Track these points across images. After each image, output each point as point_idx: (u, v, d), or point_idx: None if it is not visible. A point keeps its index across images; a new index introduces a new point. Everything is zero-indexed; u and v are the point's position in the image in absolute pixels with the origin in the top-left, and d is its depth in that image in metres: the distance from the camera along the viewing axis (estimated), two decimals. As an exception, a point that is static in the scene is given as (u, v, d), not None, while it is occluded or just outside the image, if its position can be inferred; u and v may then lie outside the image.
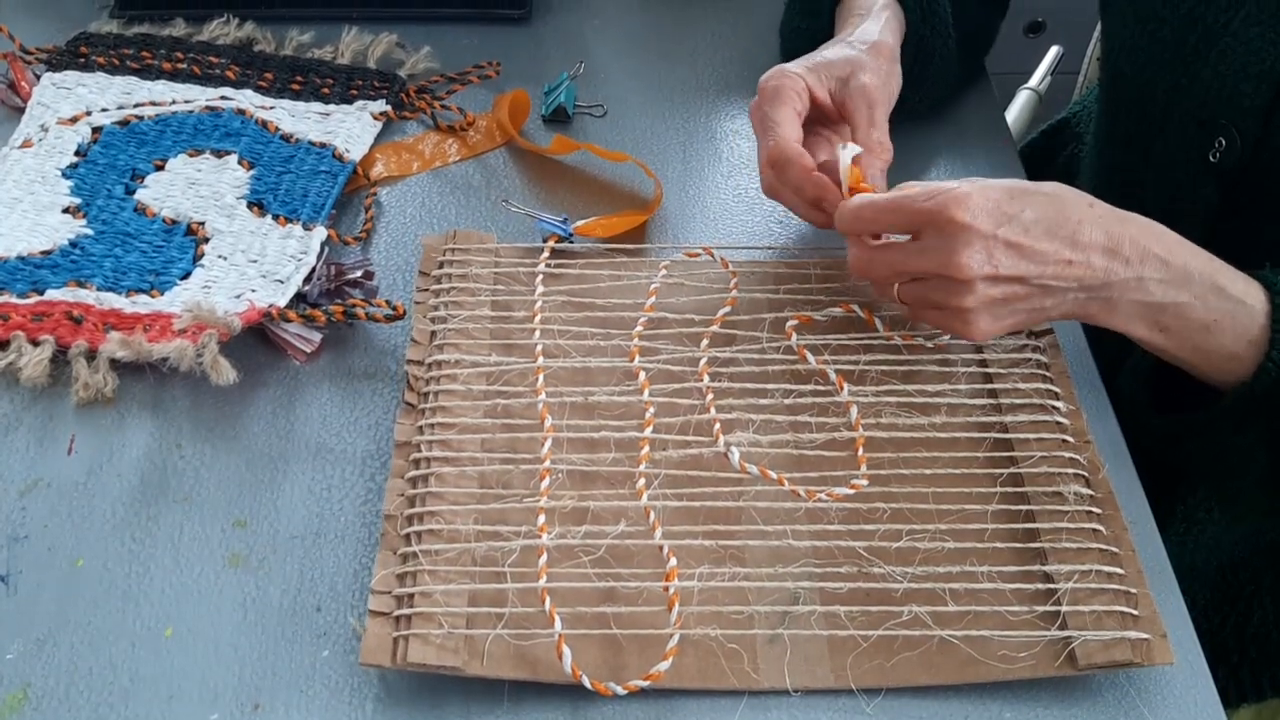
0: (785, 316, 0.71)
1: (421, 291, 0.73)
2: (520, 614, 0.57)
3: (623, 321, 0.71)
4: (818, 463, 0.64)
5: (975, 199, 0.60)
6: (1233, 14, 0.71)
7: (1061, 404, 0.66)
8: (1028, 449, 0.64)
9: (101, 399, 0.68)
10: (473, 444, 0.64)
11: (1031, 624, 0.57)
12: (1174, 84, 0.74)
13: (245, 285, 0.73)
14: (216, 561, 0.61)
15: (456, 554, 0.59)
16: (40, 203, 0.78)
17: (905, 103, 0.77)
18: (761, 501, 0.62)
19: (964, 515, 0.62)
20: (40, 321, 0.70)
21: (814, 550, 0.60)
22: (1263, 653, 0.75)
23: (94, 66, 0.89)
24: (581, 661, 0.55)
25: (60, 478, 0.64)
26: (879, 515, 0.62)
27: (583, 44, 0.97)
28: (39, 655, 0.57)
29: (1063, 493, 0.62)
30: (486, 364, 0.68)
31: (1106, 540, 0.60)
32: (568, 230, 0.76)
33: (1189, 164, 0.74)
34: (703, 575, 0.59)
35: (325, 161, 0.82)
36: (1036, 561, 0.60)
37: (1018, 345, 0.69)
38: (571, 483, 0.63)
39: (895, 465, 0.64)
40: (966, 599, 0.58)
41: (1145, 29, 0.76)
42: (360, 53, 0.93)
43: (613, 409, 0.67)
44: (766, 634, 0.57)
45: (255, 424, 0.67)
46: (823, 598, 0.58)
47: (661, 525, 0.60)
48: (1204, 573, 0.77)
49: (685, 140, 0.88)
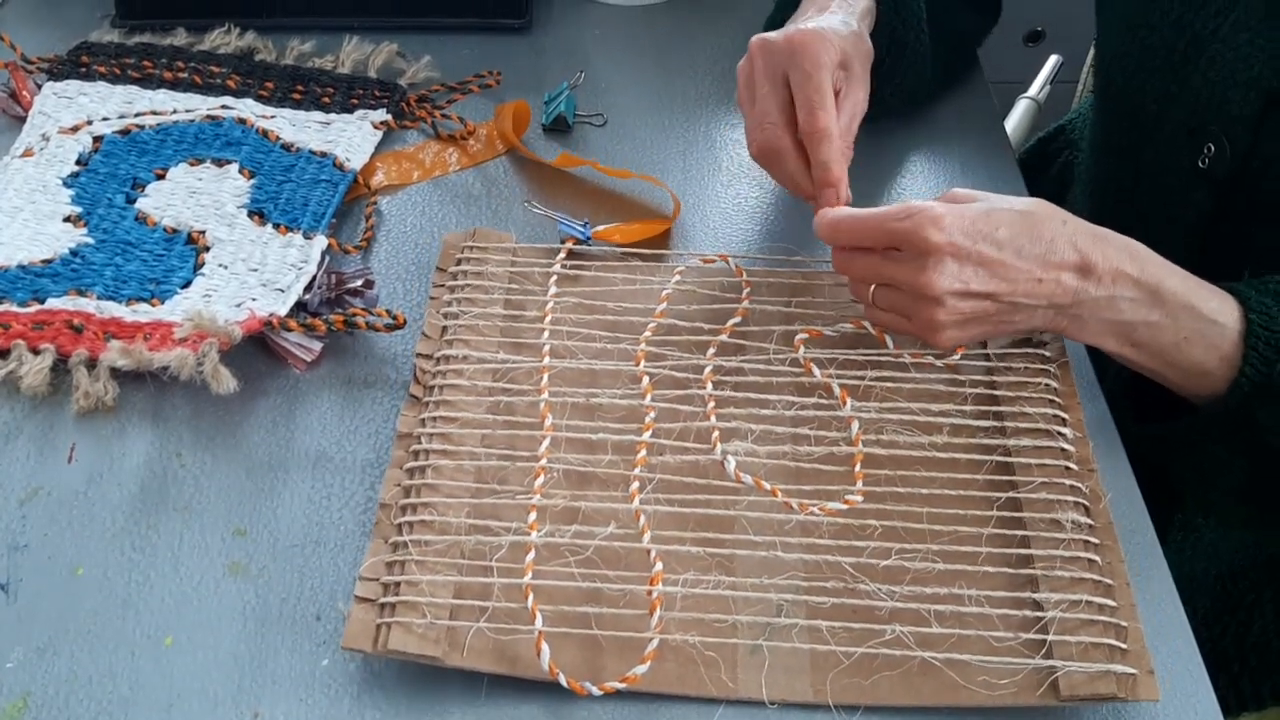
0: (795, 329, 0.71)
1: (437, 287, 0.73)
2: (503, 609, 0.57)
3: (632, 326, 0.71)
4: (814, 476, 0.64)
5: (948, 219, 0.61)
6: (1221, 20, 0.71)
7: (1069, 430, 0.65)
8: (1029, 474, 0.63)
9: (102, 408, 0.68)
10: (472, 439, 0.65)
11: (1016, 651, 0.57)
12: (1164, 91, 0.74)
13: (246, 294, 0.73)
14: (216, 570, 0.61)
15: (446, 546, 0.59)
16: (41, 212, 0.78)
17: (875, 96, 0.76)
18: (754, 512, 0.62)
19: (957, 537, 0.61)
20: (41, 330, 0.70)
21: (802, 563, 0.60)
22: (1263, 661, 0.75)
23: (95, 76, 0.90)
24: (560, 660, 0.55)
25: (60, 486, 0.64)
26: (870, 532, 0.61)
27: (583, 54, 0.98)
28: (39, 664, 0.57)
29: (1060, 520, 0.61)
30: (493, 361, 0.69)
31: (1101, 571, 0.59)
32: (587, 234, 0.76)
33: (1180, 171, 0.74)
34: (687, 581, 0.59)
35: (326, 170, 0.82)
36: (1027, 588, 0.59)
37: (1029, 369, 0.68)
38: (567, 482, 0.63)
39: (892, 483, 0.64)
40: (952, 621, 0.58)
41: (1135, 36, 0.76)
42: (361, 62, 0.93)
43: (614, 411, 0.67)
44: (748, 644, 0.57)
45: (255, 433, 0.67)
46: (807, 611, 0.58)
47: (651, 529, 0.61)
48: (1204, 581, 0.77)
49: (685, 149, 0.88)
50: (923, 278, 0.61)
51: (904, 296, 0.64)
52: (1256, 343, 0.62)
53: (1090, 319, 0.63)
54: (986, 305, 0.63)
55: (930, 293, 0.62)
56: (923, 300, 0.63)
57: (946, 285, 0.61)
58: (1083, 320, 0.64)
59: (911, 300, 0.64)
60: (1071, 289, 0.62)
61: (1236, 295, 0.64)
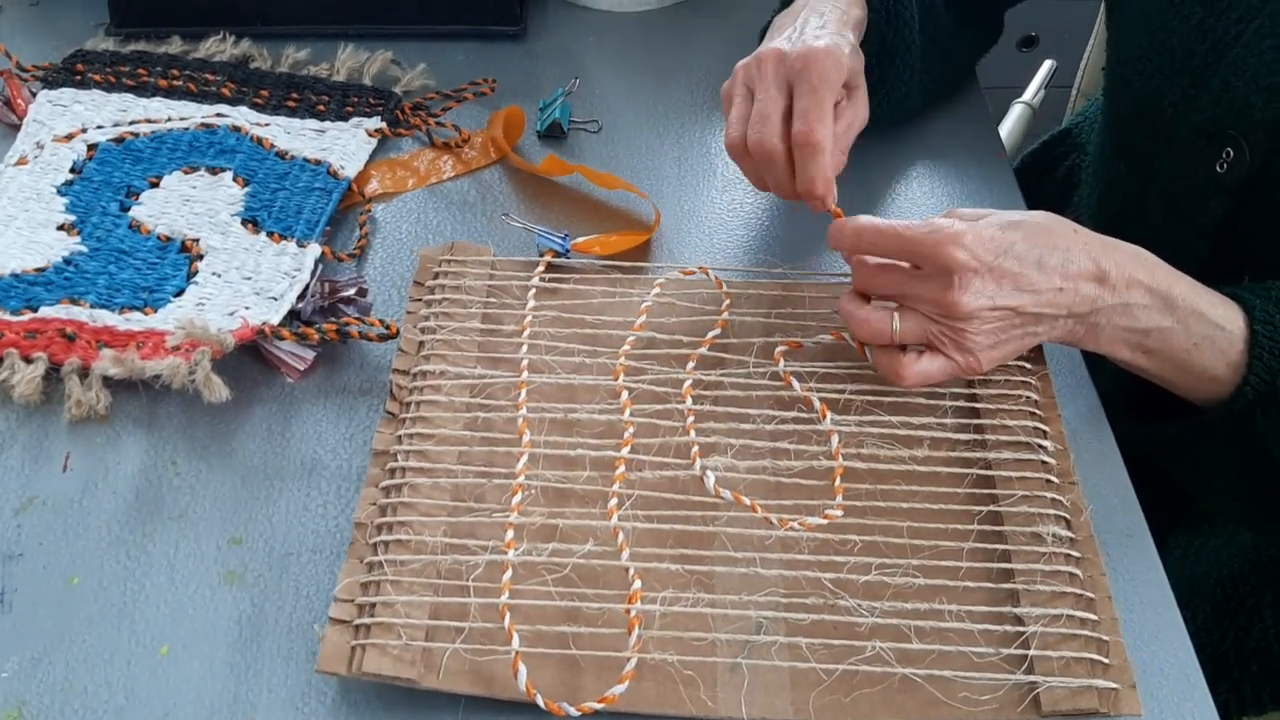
0: (775, 341, 0.71)
1: (414, 302, 0.73)
2: (480, 629, 0.57)
3: (611, 339, 0.71)
4: (794, 490, 0.63)
5: (969, 237, 0.61)
6: (1244, 26, 0.71)
7: (1049, 443, 0.65)
8: (1010, 487, 0.63)
9: (95, 416, 0.67)
10: (450, 455, 0.64)
11: (997, 666, 0.56)
12: (1181, 94, 0.74)
13: (239, 302, 0.73)
14: (212, 578, 0.60)
15: (422, 565, 0.59)
16: (35, 220, 0.78)
17: None
18: (733, 528, 0.61)
19: (938, 551, 0.61)
20: (33, 339, 0.70)
21: (782, 580, 0.59)
22: (1264, 666, 0.75)
23: (90, 84, 0.90)
24: (538, 680, 0.55)
25: (55, 495, 0.64)
26: (850, 547, 0.61)
27: (577, 60, 0.98)
28: (34, 674, 0.56)
29: (1041, 534, 0.60)
30: (471, 376, 0.68)
31: (1083, 585, 0.59)
32: (565, 246, 0.76)
33: (1195, 176, 0.74)
34: (666, 599, 0.58)
35: (320, 178, 0.82)
36: (1008, 603, 0.58)
37: (1010, 381, 0.68)
38: (545, 499, 0.63)
39: (872, 497, 0.63)
40: (932, 637, 0.57)
41: (1153, 39, 0.76)
42: (356, 70, 0.93)
43: (593, 427, 0.66)
44: (727, 662, 0.56)
45: (250, 441, 0.67)
46: (787, 629, 0.57)
47: (630, 546, 0.60)
48: (1204, 586, 0.77)
49: (680, 155, 0.88)
50: (950, 295, 0.61)
51: (927, 323, 0.64)
52: (1261, 352, 0.63)
53: (1107, 326, 0.64)
54: (1013, 319, 0.63)
55: (960, 311, 0.62)
56: (952, 321, 0.63)
57: (974, 302, 0.61)
58: (1099, 328, 0.64)
59: (940, 326, 0.63)
60: (1090, 297, 0.62)
61: (1240, 302, 0.65)
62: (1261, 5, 0.70)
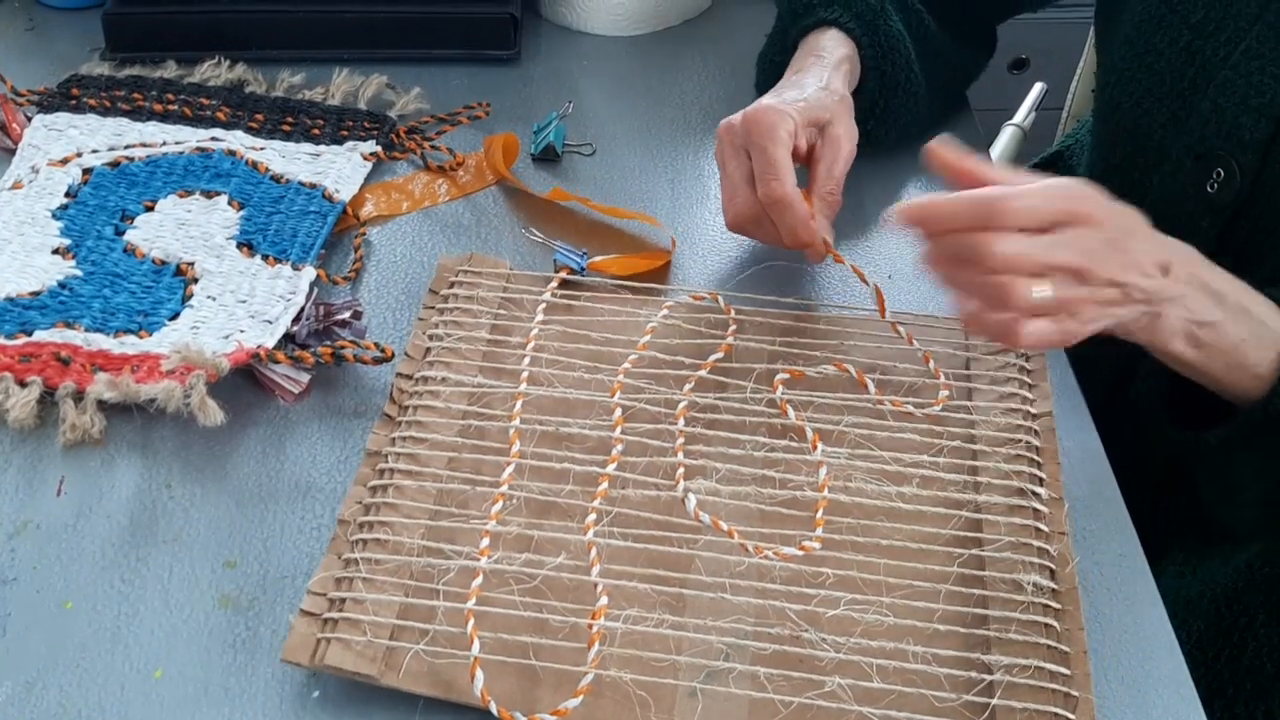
0: (776, 369, 0.70)
1: (427, 309, 0.74)
2: (444, 633, 0.57)
3: (613, 357, 0.71)
4: (776, 519, 0.63)
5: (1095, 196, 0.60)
6: (1232, 48, 0.71)
7: (1044, 490, 0.64)
8: (997, 532, 0.62)
9: (89, 440, 0.67)
10: (439, 460, 0.65)
11: (957, 713, 0.55)
12: (1171, 116, 0.75)
13: (234, 326, 0.73)
14: (207, 602, 0.60)
15: (396, 566, 0.59)
16: (30, 244, 0.78)
17: (871, 137, 0.78)
18: (709, 552, 0.61)
19: (913, 591, 0.59)
20: (28, 363, 0.70)
21: (751, 607, 0.59)
22: (1257, 685, 0.75)
23: (85, 108, 0.90)
24: (496, 689, 0.55)
25: (49, 519, 0.64)
26: (822, 580, 0.60)
27: (572, 84, 0.98)
28: (28, 698, 0.56)
29: (1022, 582, 0.59)
30: (470, 384, 0.69)
31: (1059, 638, 0.57)
32: (582, 264, 0.76)
33: (1186, 197, 0.75)
34: (631, 618, 0.58)
35: (315, 202, 0.83)
36: (979, 649, 0.57)
37: (1011, 425, 0.67)
38: (526, 510, 0.63)
39: (853, 531, 0.62)
40: (895, 678, 0.55)
41: (1142, 61, 0.76)
42: (351, 94, 0.94)
43: (583, 442, 0.66)
44: (687, 686, 0.56)
45: (244, 464, 0.67)
46: (750, 657, 0.57)
47: (602, 563, 0.60)
48: (1198, 605, 0.77)
49: (673, 177, 0.88)
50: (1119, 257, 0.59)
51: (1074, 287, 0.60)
52: None
53: (1168, 315, 0.63)
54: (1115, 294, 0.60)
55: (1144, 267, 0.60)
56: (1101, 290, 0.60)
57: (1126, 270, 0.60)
58: (1162, 318, 0.63)
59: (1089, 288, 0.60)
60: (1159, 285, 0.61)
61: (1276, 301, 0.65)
62: (1249, 27, 0.70)
